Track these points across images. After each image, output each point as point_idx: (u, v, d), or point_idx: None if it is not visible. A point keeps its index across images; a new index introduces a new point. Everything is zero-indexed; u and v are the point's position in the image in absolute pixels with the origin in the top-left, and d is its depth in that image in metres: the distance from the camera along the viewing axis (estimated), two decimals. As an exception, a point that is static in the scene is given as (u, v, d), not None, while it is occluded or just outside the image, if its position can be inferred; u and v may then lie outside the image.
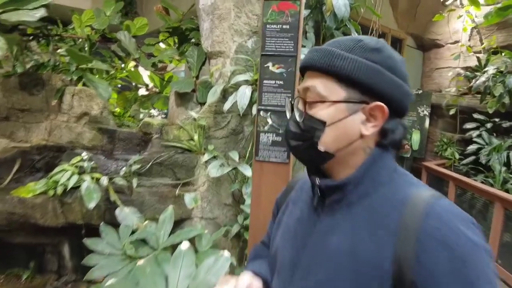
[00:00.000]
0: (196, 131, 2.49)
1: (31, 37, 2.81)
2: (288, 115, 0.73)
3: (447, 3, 4.54)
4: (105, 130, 2.76)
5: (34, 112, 2.76)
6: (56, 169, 2.24)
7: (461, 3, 4.71)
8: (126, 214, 2.11)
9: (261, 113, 1.71)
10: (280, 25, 1.66)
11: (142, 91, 3.88)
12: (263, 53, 1.69)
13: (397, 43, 5.55)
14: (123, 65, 3.19)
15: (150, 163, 2.34)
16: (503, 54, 4.33)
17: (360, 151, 0.66)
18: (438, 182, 4.78)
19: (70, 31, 3.16)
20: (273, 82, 1.69)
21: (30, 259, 2.55)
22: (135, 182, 2.22)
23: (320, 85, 0.64)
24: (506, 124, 4.75)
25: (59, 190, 2.14)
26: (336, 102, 0.63)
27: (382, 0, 3.71)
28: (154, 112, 4.97)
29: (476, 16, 4.78)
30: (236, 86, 2.44)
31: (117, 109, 3.93)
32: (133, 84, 3.63)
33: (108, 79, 3.11)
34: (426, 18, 5.76)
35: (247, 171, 2.26)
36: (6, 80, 2.64)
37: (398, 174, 0.66)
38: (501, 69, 4.52)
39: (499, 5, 2.94)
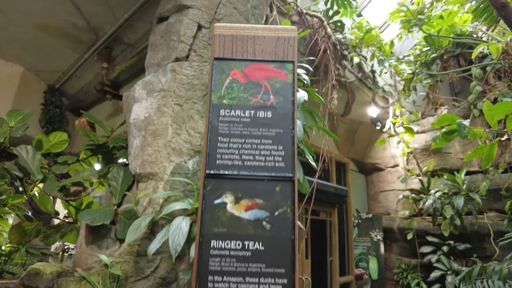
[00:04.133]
0: (106, 285, 1.70)
1: None
2: None
3: (383, 130, 4.81)
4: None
5: None
6: None
7: (395, 131, 5.04)
8: None
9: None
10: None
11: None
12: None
13: (341, 167, 5.59)
14: (20, 188, 2.43)
15: None
16: (445, 177, 4.43)
17: None
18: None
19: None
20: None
21: None
22: None
23: None
24: (461, 246, 4.66)
25: None
26: None
27: (324, 125, 3.80)
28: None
29: (412, 143, 5.10)
30: (170, 218, 1.83)
31: (8, 246, 2.95)
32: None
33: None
34: (363, 144, 6.07)
35: None
36: None
37: None
38: (445, 191, 4.57)
39: (444, 130, 3.00)
